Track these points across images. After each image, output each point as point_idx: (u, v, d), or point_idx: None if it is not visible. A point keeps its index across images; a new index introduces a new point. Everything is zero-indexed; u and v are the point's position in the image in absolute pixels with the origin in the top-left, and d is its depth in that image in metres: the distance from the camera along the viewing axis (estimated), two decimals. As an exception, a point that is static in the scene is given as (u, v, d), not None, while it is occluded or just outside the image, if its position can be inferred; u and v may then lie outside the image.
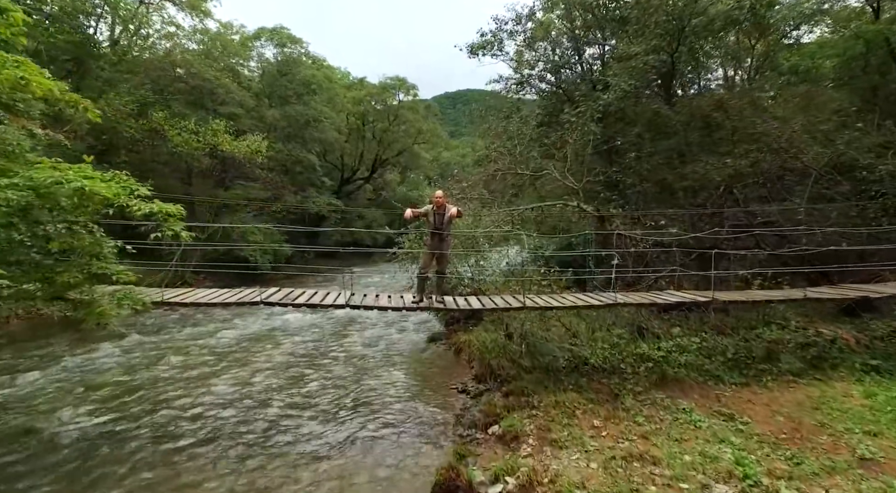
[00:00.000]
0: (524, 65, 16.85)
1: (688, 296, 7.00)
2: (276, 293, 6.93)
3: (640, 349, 8.63)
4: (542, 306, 6.77)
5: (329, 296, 7.09)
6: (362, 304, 6.61)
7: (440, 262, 7.07)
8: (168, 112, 19.83)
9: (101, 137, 17.88)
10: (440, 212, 6.90)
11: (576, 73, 17.65)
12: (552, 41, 16.76)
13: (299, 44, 28.03)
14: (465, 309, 6.78)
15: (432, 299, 7.06)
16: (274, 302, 6.48)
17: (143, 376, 9.03)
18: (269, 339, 11.95)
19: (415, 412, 7.46)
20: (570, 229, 11.86)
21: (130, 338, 11.82)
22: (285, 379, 8.96)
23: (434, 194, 7.00)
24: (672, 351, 8.50)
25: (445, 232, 6.95)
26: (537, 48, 17.10)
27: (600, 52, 16.81)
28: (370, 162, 36.12)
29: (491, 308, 6.76)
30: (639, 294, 7.46)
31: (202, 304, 6.31)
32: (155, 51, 23.19)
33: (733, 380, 7.08)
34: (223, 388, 8.42)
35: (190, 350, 10.84)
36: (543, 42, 17.02)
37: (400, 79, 34.55)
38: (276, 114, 25.09)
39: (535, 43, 16.73)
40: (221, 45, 23.85)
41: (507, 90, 19.11)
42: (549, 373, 7.96)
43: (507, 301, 7.04)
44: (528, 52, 17.61)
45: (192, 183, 22.59)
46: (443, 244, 6.98)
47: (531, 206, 10.90)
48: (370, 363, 10.14)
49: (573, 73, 17.70)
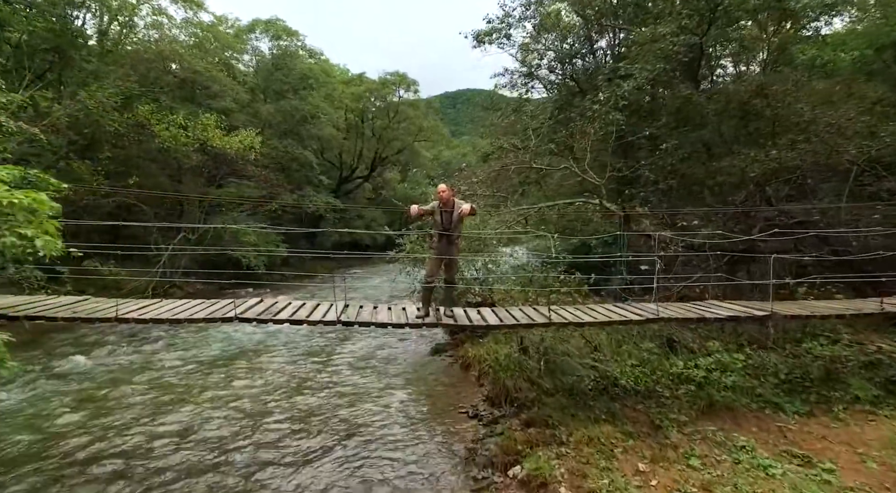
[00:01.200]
0: (533, 54, 15.80)
1: (741, 309, 5.93)
2: (255, 306, 5.86)
3: (676, 367, 7.56)
4: (570, 321, 5.70)
5: (318, 309, 6.02)
6: (357, 320, 5.54)
7: (449, 269, 6.00)
8: (156, 106, 18.76)
9: (83, 131, 16.79)
10: (448, 209, 5.83)
11: (588, 64, 16.61)
12: (563, 29, 15.70)
13: (295, 36, 26.97)
14: (479, 326, 5.70)
15: (440, 312, 5.99)
16: (251, 318, 5.41)
17: (102, 398, 7.96)
18: (257, 351, 10.86)
19: (419, 445, 6.38)
20: (590, 230, 10.80)
21: (102, 348, 10.75)
22: (271, 401, 7.88)
23: (438, 189, 5.93)
24: (713, 369, 7.43)
25: (455, 233, 5.88)
26: (547, 37, 16.05)
27: (612, 41, 15.77)
28: (369, 160, 35.06)
29: (511, 325, 5.69)
30: (681, 306, 6.39)
31: (164, 320, 5.23)
32: (144, 42, 22.13)
33: (795, 409, 6.01)
34: (181, 417, 7.34)
35: (165, 364, 9.76)
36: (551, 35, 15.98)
37: (400, 74, 33.52)
38: (271, 109, 24.00)
39: (545, 32, 15.68)
40: (214, 37, 22.76)
41: (513, 84, 18.12)
42: (575, 396, 6.89)
43: (529, 315, 5.97)
44: (536, 42, 16.57)
45: (183, 181, 21.51)
46: (451, 248, 5.91)
47: (549, 204, 9.84)
48: (368, 380, 9.07)
49: (585, 63, 16.67)
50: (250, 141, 20.10)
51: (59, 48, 17.38)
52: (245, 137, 19.99)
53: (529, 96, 16.95)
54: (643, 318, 5.76)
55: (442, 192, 5.82)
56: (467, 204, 5.76)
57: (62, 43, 17.29)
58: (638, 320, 5.73)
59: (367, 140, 34.24)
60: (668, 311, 5.95)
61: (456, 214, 5.81)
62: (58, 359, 9.96)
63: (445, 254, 5.85)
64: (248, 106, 24.95)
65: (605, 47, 15.97)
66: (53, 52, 17.40)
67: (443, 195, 5.80)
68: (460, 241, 6.25)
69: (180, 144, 18.40)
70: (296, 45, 27.30)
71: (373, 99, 33.62)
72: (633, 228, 8.85)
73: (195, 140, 18.81)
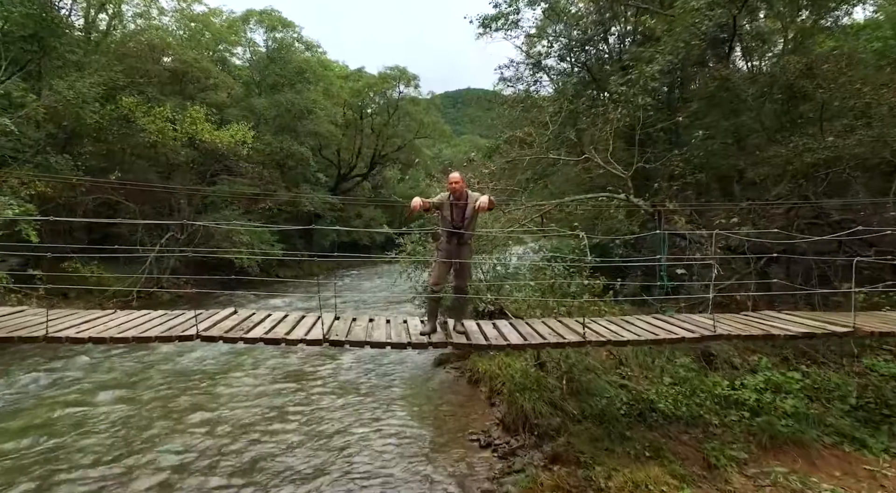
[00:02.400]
0: (542, 42, 14.76)
1: (815, 325, 4.88)
2: (224, 321, 4.81)
3: (720, 387, 6.51)
4: (609, 339, 4.65)
5: (302, 323, 4.97)
6: (348, 338, 4.49)
7: (460, 275, 4.95)
8: (141, 98, 17.72)
9: (62, 124, 15.74)
10: (459, 202, 4.78)
11: (601, 52, 15.58)
12: (575, 15, 14.65)
13: (291, 28, 25.89)
14: (499, 346, 4.65)
15: (448, 327, 4.95)
16: (216, 336, 4.36)
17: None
18: (237, 363, 9.79)
19: (422, 485, 5.34)
20: (611, 228, 9.76)
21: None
22: (248, 425, 6.83)
23: (449, 178, 4.88)
24: (763, 389, 6.39)
25: (467, 231, 4.83)
26: (557, 22, 15.01)
27: (623, 29, 14.72)
28: (368, 158, 34.00)
29: (537, 345, 4.65)
30: (736, 318, 5.34)
31: (106, 339, 4.19)
32: (134, 34, 21.07)
33: (882, 445, 4.97)
34: (157, 446, 6.30)
35: (138, 378, 8.71)
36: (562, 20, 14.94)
37: (401, 69, 32.43)
38: (266, 103, 22.94)
39: (556, 17, 14.64)
40: (204, 27, 21.71)
41: (518, 77, 17.10)
42: (607, 424, 5.84)
43: (557, 331, 4.92)
44: (546, 28, 15.53)
45: (173, 178, 20.44)
46: (463, 249, 4.87)
47: (570, 199, 8.78)
48: (360, 397, 8.02)
49: (598, 51, 15.63)
50: (242, 135, 19.05)
51: (38, 36, 16.33)
52: (237, 131, 18.95)
53: (538, 88, 15.94)
54: (697, 335, 4.71)
55: (454, 182, 4.74)
56: (484, 196, 4.71)
57: (41, 30, 16.24)
58: (692, 337, 4.68)
59: (366, 137, 33.18)
60: (725, 326, 4.90)
61: (470, 208, 4.76)
62: None
63: (455, 257, 4.80)
64: (243, 100, 23.92)
65: (619, 35, 14.94)
66: (33, 40, 16.36)
67: (455, 186, 4.73)
68: (473, 241, 5.20)
69: (168, 138, 17.37)
70: (292, 36, 26.24)
71: (372, 95, 32.55)
72: (651, 226, 7.82)
73: (183, 134, 17.78)
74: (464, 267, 4.90)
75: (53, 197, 15.09)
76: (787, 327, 4.82)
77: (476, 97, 29.56)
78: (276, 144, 23.76)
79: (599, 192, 12.78)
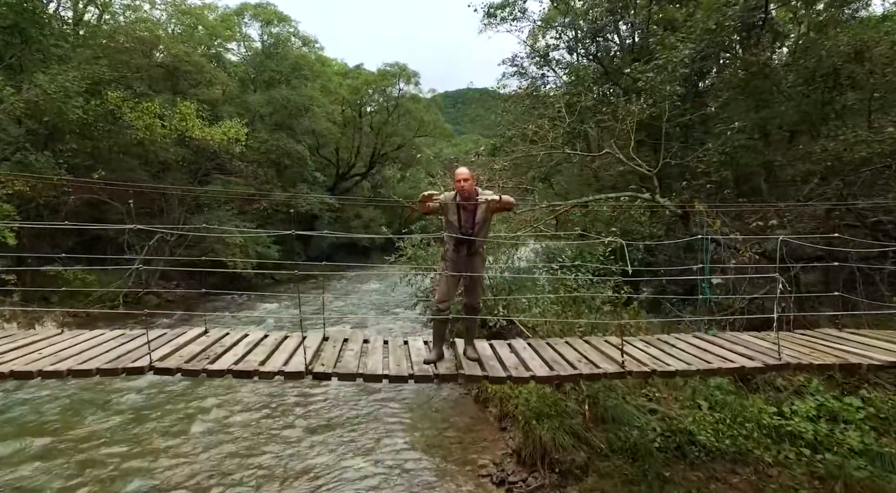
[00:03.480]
0: (548, 34, 13.96)
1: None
2: (190, 344, 3.99)
3: (766, 415, 5.67)
4: (655, 370, 3.83)
5: (283, 347, 4.15)
6: (335, 370, 3.67)
7: (471, 291, 4.13)
8: (129, 93, 16.89)
9: (43, 119, 14.90)
10: (468, 203, 3.94)
11: (612, 43, 14.77)
12: (586, 3, 13.84)
13: (287, 22, 25.07)
14: (520, 378, 3.82)
15: (458, 351, 4.13)
16: (173, 369, 3.53)
17: None
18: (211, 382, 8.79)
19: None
20: (628, 230, 8.94)
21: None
22: (227, 457, 5.99)
23: (456, 174, 4.03)
24: (816, 417, 5.57)
25: (479, 238, 4.00)
26: (567, 12, 14.20)
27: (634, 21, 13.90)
28: (368, 156, 33.17)
29: (568, 376, 3.82)
30: (801, 340, 4.50)
31: (31, 374, 3.36)
32: (124, 28, 20.22)
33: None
34: None
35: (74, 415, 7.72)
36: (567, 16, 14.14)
37: (401, 66, 31.58)
38: (261, 99, 22.11)
39: (565, 5, 13.83)
40: (197, 20, 20.88)
41: (523, 72, 16.33)
42: (641, 461, 5.02)
43: (589, 357, 4.10)
44: (554, 18, 14.73)
45: (164, 176, 19.57)
46: (474, 260, 4.04)
47: (592, 198, 7.95)
48: (352, 421, 7.17)
49: (609, 43, 14.82)
50: (235, 132, 18.22)
51: (18, 27, 15.50)
52: (229, 128, 18.11)
53: (545, 82, 15.14)
54: (759, 364, 3.88)
55: (463, 179, 3.88)
56: (500, 195, 3.89)
57: (22, 21, 15.41)
58: (753, 367, 3.85)
59: (365, 135, 32.35)
60: (789, 351, 4.07)
61: (481, 210, 3.93)
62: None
63: (465, 269, 3.97)
64: (238, 97, 23.10)
65: (632, 24, 14.14)
66: (12, 31, 15.53)
67: (464, 185, 3.87)
68: (485, 250, 4.36)
69: (156, 135, 16.54)
70: (288, 31, 25.42)
71: (371, 92, 31.71)
72: (695, 230, 7.01)
73: (173, 130, 16.94)
74: (475, 282, 4.07)
75: (33, 197, 14.29)
76: (869, 354, 3.99)
77: (478, 95, 28.80)
78: (272, 143, 22.94)
79: (610, 191, 11.98)
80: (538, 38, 15.93)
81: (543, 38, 15.58)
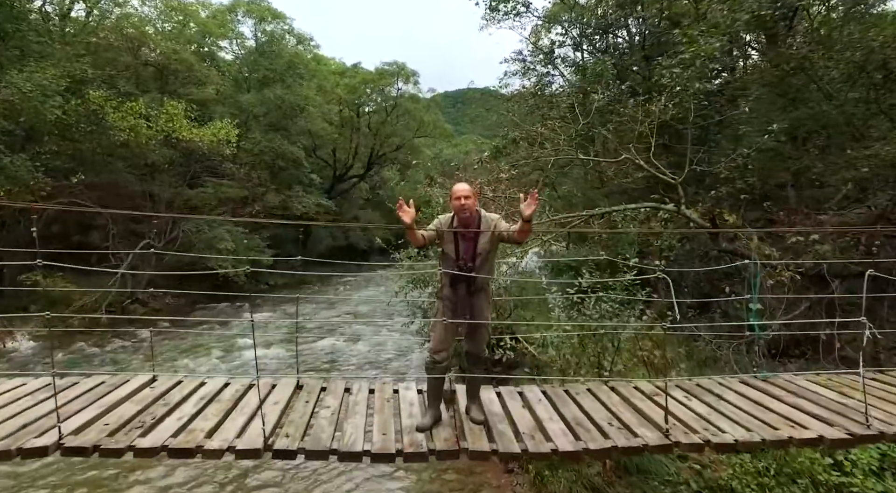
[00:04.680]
0: (557, 25, 13.15)
1: None
2: (126, 402, 3.18)
3: (819, 466, 4.86)
4: (709, 440, 3.03)
5: (241, 407, 3.35)
6: (300, 446, 2.87)
7: (472, 336, 3.32)
8: (114, 92, 16.10)
9: (19, 120, 14.09)
10: (467, 227, 3.13)
11: (622, 40, 13.98)
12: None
13: (282, 19, 24.24)
14: (539, 454, 3.01)
15: (458, 407, 3.34)
16: (91, 448, 2.73)
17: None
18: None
19: None
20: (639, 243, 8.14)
21: None
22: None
23: (453, 191, 3.20)
24: (880, 469, 4.76)
25: (482, 273, 3.18)
26: (574, 7, 13.39)
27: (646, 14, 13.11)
28: (366, 157, 32.39)
29: (600, 450, 3.01)
30: (880, 390, 3.69)
31: None
32: (114, 25, 19.42)
33: None
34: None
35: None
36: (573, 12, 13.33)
37: (399, 64, 30.83)
38: (253, 98, 21.31)
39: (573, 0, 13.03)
40: (186, 16, 20.06)
41: (525, 71, 15.57)
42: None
43: (621, 417, 3.32)
44: (561, 13, 13.93)
45: (153, 179, 18.73)
46: (477, 299, 3.22)
47: (613, 209, 7.13)
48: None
49: (617, 40, 14.03)
50: (225, 133, 17.40)
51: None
52: (219, 129, 17.29)
53: (551, 80, 14.34)
54: (846, 436, 3.06)
55: (464, 197, 3.05)
56: (510, 221, 3.09)
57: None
58: (837, 439, 3.04)
59: (363, 136, 31.57)
60: (878, 410, 3.26)
61: (485, 239, 3.14)
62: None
63: (466, 310, 3.17)
64: (231, 97, 22.29)
65: (643, 19, 13.35)
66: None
67: (466, 203, 3.06)
68: (491, 287, 3.56)
69: (141, 136, 15.72)
70: (282, 29, 24.60)
71: (369, 92, 30.92)
72: (725, 245, 6.23)
73: (158, 132, 16.12)
74: (480, 327, 3.26)
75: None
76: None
77: (479, 95, 27.99)
78: (266, 144, 22.14)
79: (620, 198, 11.15)
80: (541, 35, 15.17)
81: (547, 36, 14.82)
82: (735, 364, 6.44)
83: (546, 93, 13.50)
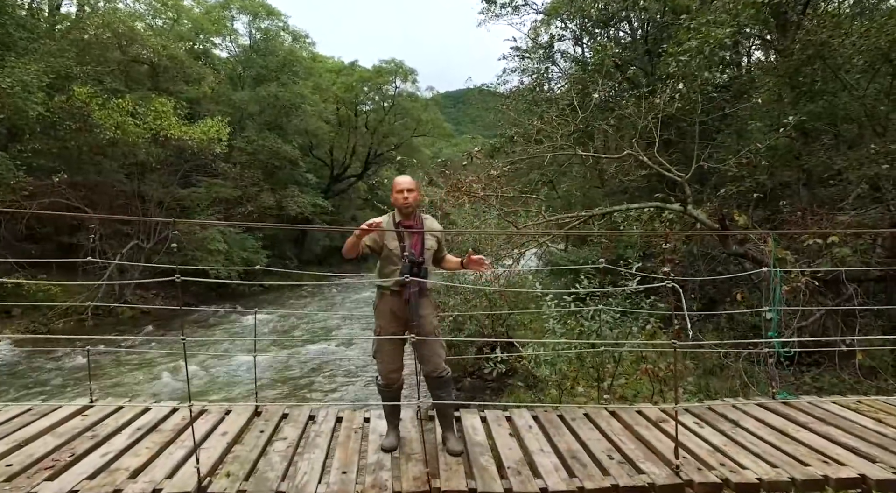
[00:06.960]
0: (556, 18, 12.68)
1: None
2: (43, 434, 2.71)
3: None
4: (728, 479, 2.57)
5: (181, 440, 2.89)
6: (241, 489, 2.39)
7: (428, 356, 2.85)
8: (100, 88, 15.65)
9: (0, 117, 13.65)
10: (409, 223, 2.83)
11: (624, 33, 13.52)
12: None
13: (277, 16, 23.78)
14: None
15: (429, 448, 2.88)
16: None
17: None
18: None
19: None
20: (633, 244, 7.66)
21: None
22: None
23: (395, 184, 2.90)
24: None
25: (428, 273, 2.83)
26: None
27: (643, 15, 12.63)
28: (363, 157, 31.94)
29: (599, 490, 2.54)
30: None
31: None
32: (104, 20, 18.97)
33: None
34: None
35: None
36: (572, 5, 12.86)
37: (397, 62, 30.33)
38: (247, 97, 20.87)
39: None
40: (178, 12, 19.63)
41: (524, 68, 15.13)
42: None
43: (621, 447, 2.88)
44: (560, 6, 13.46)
45: (142, 179, 18.26)
46: (422, 305, 2.79)
47: (615, 209, 6.65)
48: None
49: (619, 33, 13.57)
50: (216, 131, 16.94)
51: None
52: (209, 127, 16.84)
53: (550, 75, 13.88)
54: (892, 476, 2.59)
55: (406, 189, 2.81)
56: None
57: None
58: (882, 480, 2.56)
59: (360, 135, 31.11)
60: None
61: (430, 240, 2.85)
62: None
63: (413, 320, 2.74)
64: (224, 95, 21.84)
65: (645, 10, 12.88)
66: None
67: (407, 197, 2.79)
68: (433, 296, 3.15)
69: (129, 133, 15.26)
70: (277, 26, 24.14)
71: (366, 90, 30.45)
72: (735, 248, 5.77)
73: (146, 129, 15.65)
74: (432, 343, 2.81)
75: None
76: None
77: (477, 92, 27.56)
78: (260, 143, 21.69)
79: (621, 197, 10.68)
80: (540, 31, 14.72)
81: (547, 30, 14.36)
82: (745, 374, 5.98)
83: (545, 89, 13.06)
